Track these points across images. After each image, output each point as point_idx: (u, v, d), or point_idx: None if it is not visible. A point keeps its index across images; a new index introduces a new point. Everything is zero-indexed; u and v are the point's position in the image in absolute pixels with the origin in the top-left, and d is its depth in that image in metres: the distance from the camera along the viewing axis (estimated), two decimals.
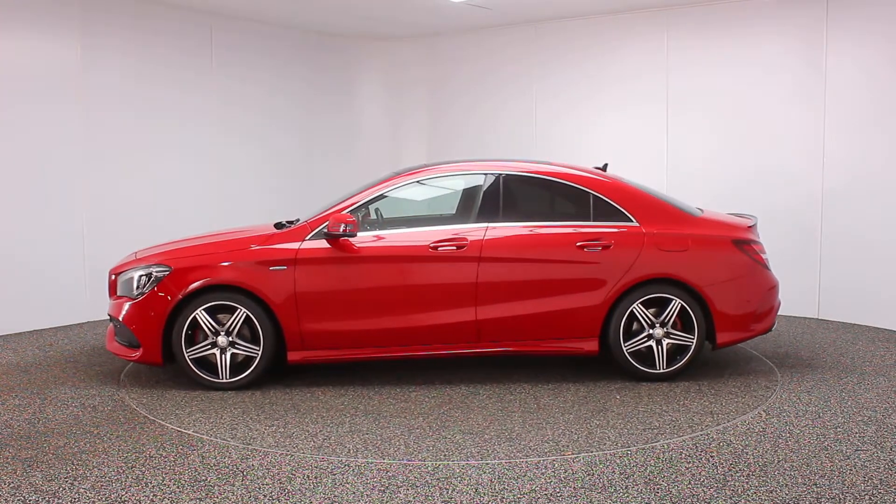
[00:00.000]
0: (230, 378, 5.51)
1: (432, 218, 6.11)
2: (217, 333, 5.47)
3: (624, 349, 5.58)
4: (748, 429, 4.66)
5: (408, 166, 6.42)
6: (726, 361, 6.14)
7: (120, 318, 5.60)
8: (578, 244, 5.57)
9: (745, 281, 5.65)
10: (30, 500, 3.76)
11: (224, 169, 8.93)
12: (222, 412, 5.09)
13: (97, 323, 7.75)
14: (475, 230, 5.60)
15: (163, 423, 4.86)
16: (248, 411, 5.11)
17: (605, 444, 4.42)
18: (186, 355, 5.48)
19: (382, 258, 5.55)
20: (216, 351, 5.49)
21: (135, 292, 5.58)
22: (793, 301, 7.40)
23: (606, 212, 5.68)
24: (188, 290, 5.42)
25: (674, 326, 5.59)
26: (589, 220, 5.67)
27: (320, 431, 4.72)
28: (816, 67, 7.55)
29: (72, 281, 7.68)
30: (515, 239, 5.59)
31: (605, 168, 6.19)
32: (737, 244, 5.66)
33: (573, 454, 4.26)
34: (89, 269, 7.78)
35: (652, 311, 5.57)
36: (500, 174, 5.79)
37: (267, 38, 9.35)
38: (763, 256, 5.75)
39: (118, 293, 5.74)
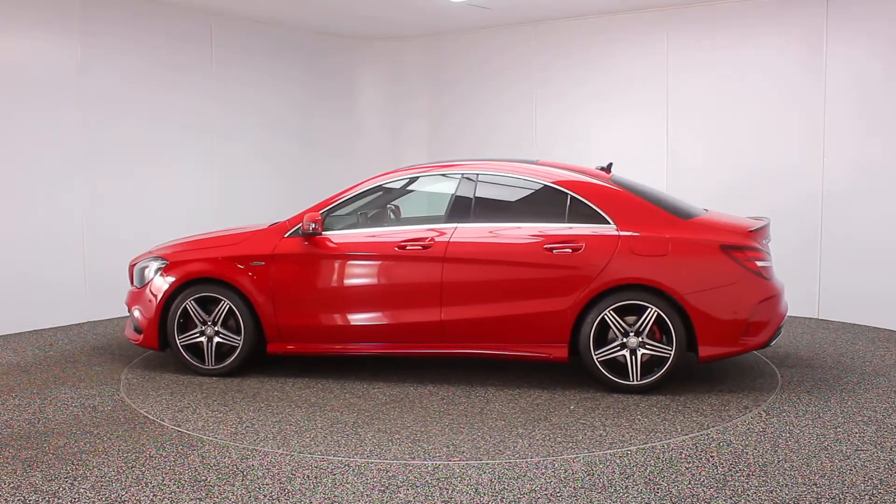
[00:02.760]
0: (215, 365, 5.85)
1: (411, 217, 6.13)
2: (205, 323, 5.83)
3: (595, 357, 5.30)
4: (748, 429, 4.66)
5: (395, 168, 6.45)
6: (724, 366, 6.12)
7: (128, 306, 6.14)
8: (546, 246, 5.37)
9: (733, 290, 5.22)
10: (30, 500, 3.76)
11: (224, 169, 8.93)
12: (184, 397, 5.43)
13: (97, 323, 7.75)
14: (443, 230, 5.58)
15: (163, 423, 4.86)
16: (210, 396, 5.43)
17: (503, 454, 4.31)
18: (178, 342, 5.87)
19: (351, 256, 5.68)
20: (204, 339, 5.85)
21: (141, 283, 6.06)
22: (793, 301, 7.37)
23: (582, 213, 5.45)
24: (179, 281, 5.84)
25: (653, 336, 5.26)
26: (563, 222, 5.46)
27: (248, 419, 4.94)
28: (816, 67, 7.55)
29: (72, 281, 7.68)
30: (480, 240, 5.51)
31: (609, 167, 6.07)
32: (725, 249, 5.25)
33: (461, 460, 4.22)
34: (89, 270, 7.78)
35: (632, 318, 5.27)
36: (476, 174, 5.74)
37: (267, 38, 9.35)
38: (758, 264, 5.29)
39: (133, 283, 6.19)
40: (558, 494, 3.79)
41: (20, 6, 7.23)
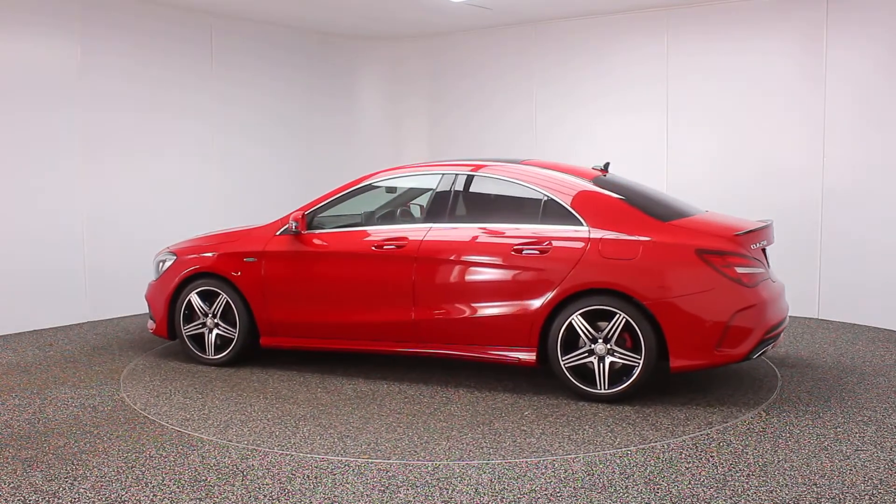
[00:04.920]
0: (214, 355, 6.13)
1: (392, 217, 6.15)
2: (206, 315, 6.13)
3: (562, 363, 5.12)
4: (748, 429, 4.66)
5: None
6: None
7: (146, 298, 6.51)
8: (515, 247, 5.27)
9: (708, 297, 4.92)
10: (30, 500, 3.76)
11: (224, 169, 8.93)
12: (170, 384, 5.74)
13: (97, 323, 7.75)
14: (419, 230, 5.59)
15: (163, 423, 4.86)
16: (193, 385, 5.72)
17: (417, 454, 4.30)
18: (184, 332, 6.20)
19: (332, 255, 5.80)
20: (205, 331, 6.15)
21: (157, 276, 6.43)
22: (793, 301, 7.37)
23: (556, 214, 5.29)
24: (183, 275, 6.16)
25: (623, 344, 5.02)
26: (536, 223, 5.34)
27: (210, 407, 5.18)
28: (816, 67, 7.54)
29: (72, 281, 7.67)
30: (451, 240, 5.48)
31: (606, 167, 6.01)
32: (700, 254, 4.96)
33: (368, 458, 4.26)
34: (89, 270, 7.78)
35: (604, 324, 5.05)
36: (456, 174, 5.73)
37: (267, 38, 9.34)
38: (738, 270, 4.97)
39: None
40: (558, 494, 3.79)
41: (20, 7, 7.23)
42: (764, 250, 5.40)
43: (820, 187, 7.60)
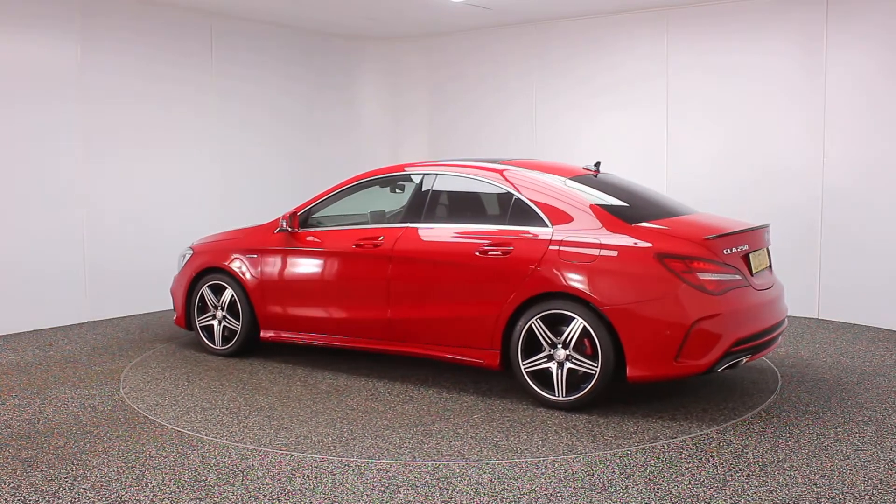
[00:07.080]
0: (221, 346, 6.42)
1: (377, 217, 6.20)
2: (215, 308, 6.43)
3: (522, 368, 5.01)
4: (748, 429, 4.65)
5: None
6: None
7: (171, 290, 6.84)
8: (480, 248, 5.21)
9: (667, 304, 4.65)
10: (30, 500, 3.76)
11: (224, 169, 8.93)
12: (165, 373, 5.95)
13: (97, 323, 7.75)
14: (395, 230, 5.64)
15: (163, 423, 4.86)
16: (185, 375, 5.99)
17: (333, 450, 4.34)
18: (197, 323, 6.54)
19: (318, 253, 5.96)
20: (214, 322, 6.44)
21: (179, 269, 6.75)
22: (793, 301, 7.38)
23: (523, 214, 5.19)
24: (197, 270, 6.50)
25: (583, 350, 4.82)
26: (504, 223, 5.26)
27: (187, 396, 5.39)
28: (816, 66, 7.54)
29: (72, 281, 7.67)
30: (423, 240, 5.51)
31: (598, 166, 5.88)
32: (661, 258, 4.72)
33: (288, 451, 4.33)
34: (89, 270, 7.78)
35: (564, 329, 4.87)
36: (436, 174, 5.73)
37: (267, 38, 9.34)
38: (702, 276, 4.69)
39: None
40: (558, 494, 3.79)
41: (20, 6, 7.23)
42: (747, 256, 5.07)
43: (820, 187, 7.60)
